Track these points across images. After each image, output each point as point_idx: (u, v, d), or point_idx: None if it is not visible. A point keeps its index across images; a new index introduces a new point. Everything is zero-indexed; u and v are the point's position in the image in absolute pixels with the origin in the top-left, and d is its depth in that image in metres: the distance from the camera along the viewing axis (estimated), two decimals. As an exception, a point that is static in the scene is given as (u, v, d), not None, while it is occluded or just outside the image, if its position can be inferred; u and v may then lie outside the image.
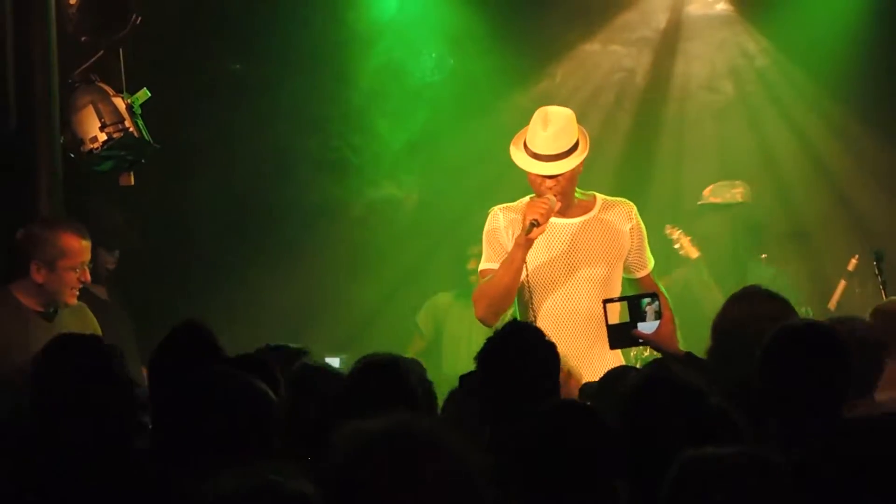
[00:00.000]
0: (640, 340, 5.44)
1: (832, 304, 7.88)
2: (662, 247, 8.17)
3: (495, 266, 5.99)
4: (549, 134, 5.98)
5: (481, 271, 6.11)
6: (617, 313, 5.62)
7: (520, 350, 4.47)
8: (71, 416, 3.97)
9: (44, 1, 6.84)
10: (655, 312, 5.39)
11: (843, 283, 7.65)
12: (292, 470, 2.69)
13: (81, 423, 3.96)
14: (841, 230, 8.49)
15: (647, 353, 7.47)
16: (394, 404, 3.73)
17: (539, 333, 4.61)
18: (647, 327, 5.38)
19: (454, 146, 9.05)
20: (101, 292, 7.65)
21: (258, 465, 2.72)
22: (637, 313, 5.40)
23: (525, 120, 6.14)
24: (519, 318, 6.03)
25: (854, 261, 7.77)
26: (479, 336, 5.28)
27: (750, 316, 4.77)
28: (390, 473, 2.14)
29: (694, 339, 5.38)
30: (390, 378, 4.13)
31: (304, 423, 4.20)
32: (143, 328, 7.56)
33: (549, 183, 5.97)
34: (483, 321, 6.00)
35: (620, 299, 5.61)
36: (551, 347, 4.54)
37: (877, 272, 7.22)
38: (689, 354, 5.21)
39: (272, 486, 2.62)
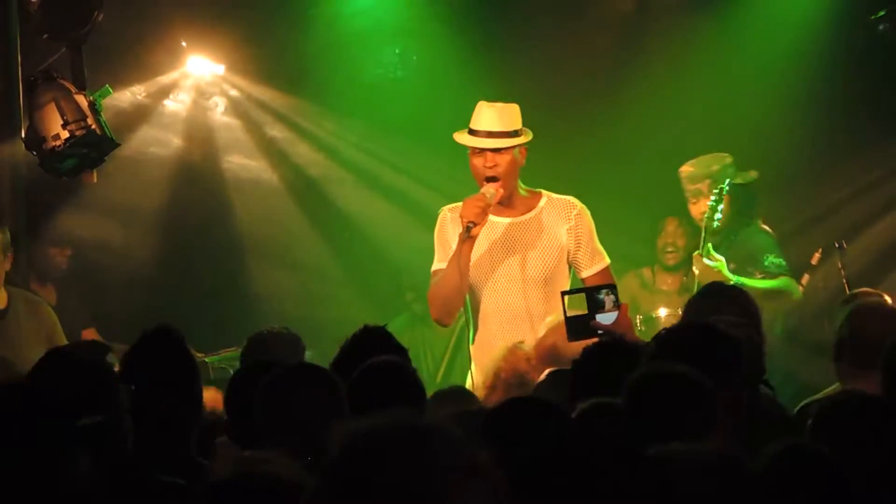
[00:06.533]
0: (599, 332, 5.47)
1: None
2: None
3: (444, 266, 6.00)
4: (494, 111, 6.02)
5: (433, 272, 6.12)
6: (576, 305, 5.67)
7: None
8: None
9: (4, -1, 6.82)
10: (614, 303, 5.44)
11: (806, 277, 7.66)
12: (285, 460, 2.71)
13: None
14: (802, 224, 8.52)
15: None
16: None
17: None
18: (605, 318, 5.42)
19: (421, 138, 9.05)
20: (47, 293, 7.51)
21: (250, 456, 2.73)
22: (595, 305, 5.45)
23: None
24: (466, 316, 6.11)
25: (817, 255, 7.75)
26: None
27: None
28: (394, 468, 2.12)
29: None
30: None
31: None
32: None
33: (489, 163, 5.96)
34: (438, 321, 6.11)
35: (579, 291, 5.65)
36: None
37: (840, 266, 7.27)
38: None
39: (263, 475, 2.63)
